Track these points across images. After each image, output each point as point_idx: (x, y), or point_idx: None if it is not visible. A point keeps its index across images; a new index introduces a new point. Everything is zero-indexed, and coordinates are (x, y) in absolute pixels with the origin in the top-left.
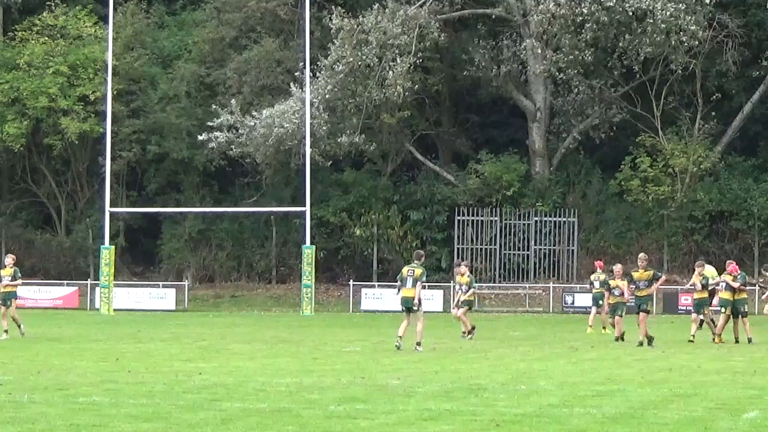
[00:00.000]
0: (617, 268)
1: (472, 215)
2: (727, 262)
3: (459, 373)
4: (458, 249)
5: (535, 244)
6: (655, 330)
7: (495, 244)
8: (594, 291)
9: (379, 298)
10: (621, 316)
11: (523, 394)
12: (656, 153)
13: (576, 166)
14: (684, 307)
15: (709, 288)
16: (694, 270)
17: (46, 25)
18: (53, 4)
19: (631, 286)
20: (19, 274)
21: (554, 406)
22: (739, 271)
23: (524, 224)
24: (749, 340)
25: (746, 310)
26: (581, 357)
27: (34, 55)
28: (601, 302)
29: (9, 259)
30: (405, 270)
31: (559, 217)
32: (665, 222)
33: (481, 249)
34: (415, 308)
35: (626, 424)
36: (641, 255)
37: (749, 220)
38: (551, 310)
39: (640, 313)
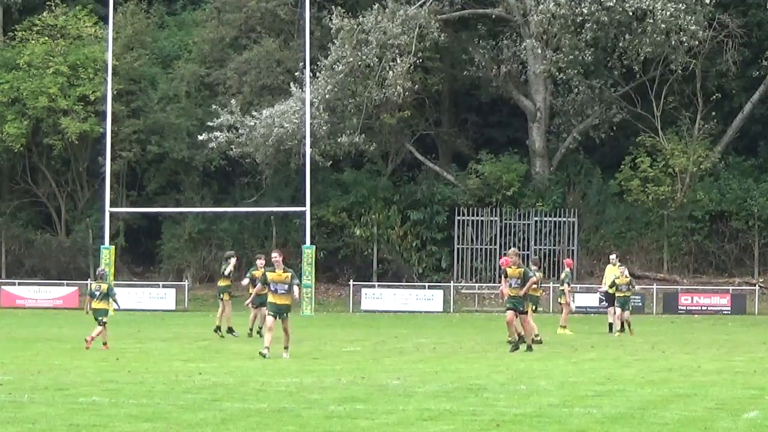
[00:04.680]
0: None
1: (472, 215)
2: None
3: (459, 373)
4: (458, 249)
5: (535, 244)
6: (655, 330)
7: (495, 244)
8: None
9: (379, 298)
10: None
11: (523, 394)
12: (656, 153)
13: (576, 166)
14: (684, 307)
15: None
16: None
17: (46, 25)
18: (53, 4)
19: (509, 281)
20: None
21: (554, 406)
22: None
23: (524, 224)
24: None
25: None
26: (581, 357)
27: (34, 55)
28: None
29: None
30: (272, 275)
31: (559, 217)
32: (665, 222)
33: (481, 249)
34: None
35: (626, 424)
36: (511, 250)
37: (749, 220)
38: (551, 310)
39: (508, 312)
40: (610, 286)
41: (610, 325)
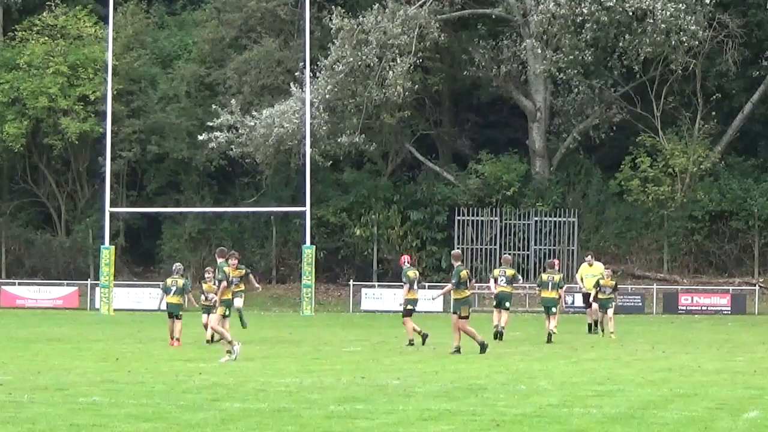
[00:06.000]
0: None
1: (472, 215)
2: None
3: (459, 373)
4: (458, 249)
5: (535, 244)
6: (655, 330)
7: (495, 244)
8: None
9: (379, 298)
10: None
11: (523, 394)
12: (656, 153)
13: (576, 166)
14: (684, 307)
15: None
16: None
17: (46, 25)
18: (53, 4)
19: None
20: None
21: (554, 406)
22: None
23: (524, 224)
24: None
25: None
26: (581, 357)
27: (34, 55)
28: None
29: None
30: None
31: (559, 217)
32: (665, 222)
33: (481, 249)
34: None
35: (626, 424)
36: (454, 252)
37: (749, 220)
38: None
39: (454, 316)
40: (594, 287)
41: (589, 325)
